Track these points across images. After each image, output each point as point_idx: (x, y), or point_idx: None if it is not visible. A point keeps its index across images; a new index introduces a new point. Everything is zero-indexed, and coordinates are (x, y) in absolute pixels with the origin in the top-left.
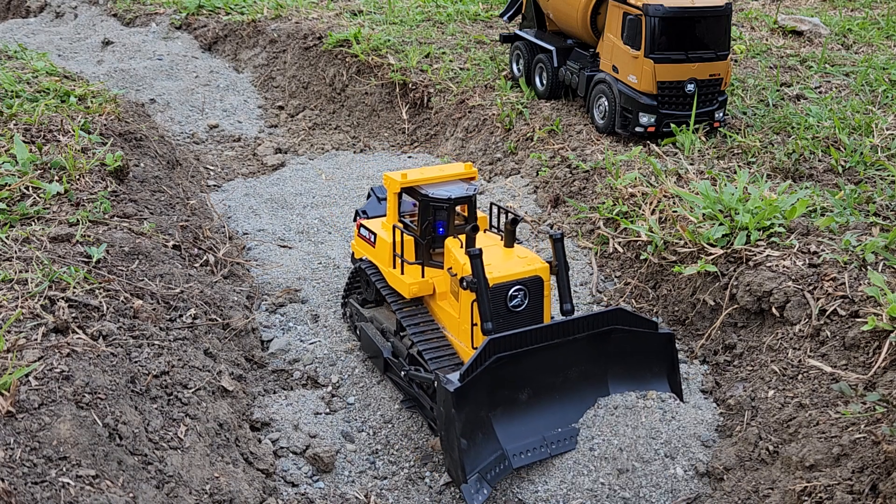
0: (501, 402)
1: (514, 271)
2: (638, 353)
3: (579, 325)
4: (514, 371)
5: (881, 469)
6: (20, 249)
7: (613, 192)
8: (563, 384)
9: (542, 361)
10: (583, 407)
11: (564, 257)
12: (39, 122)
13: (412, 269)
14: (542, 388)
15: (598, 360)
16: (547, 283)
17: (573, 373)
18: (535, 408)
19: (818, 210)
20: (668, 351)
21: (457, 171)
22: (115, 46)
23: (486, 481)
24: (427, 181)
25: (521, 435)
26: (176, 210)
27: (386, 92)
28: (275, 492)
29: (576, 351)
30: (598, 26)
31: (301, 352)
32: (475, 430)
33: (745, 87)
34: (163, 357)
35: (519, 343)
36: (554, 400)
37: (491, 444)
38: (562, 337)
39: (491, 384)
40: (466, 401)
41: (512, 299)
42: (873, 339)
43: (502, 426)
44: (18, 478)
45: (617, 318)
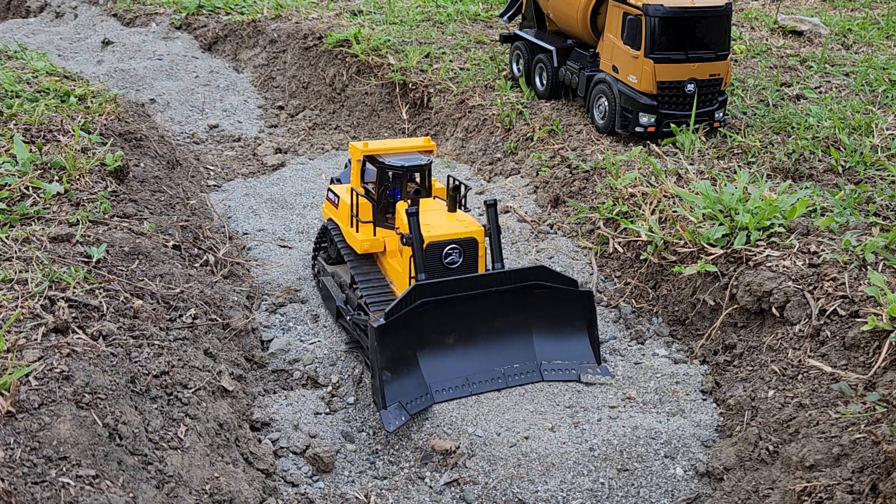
0: (429, 343)
1: (450, 231)
2: (559, 308)
3: (501, 279)
4: (442, 317)
5: (881, 469)
6: (20, 249)
7: (613, 192)
8: (489, 332)
9: (468, 310)
10: (508, 355)
11: (497, 221)
12: (39, 122)
13: (366, 227)
14: (468, 334)
15: (522, 312)
16: (481, 244)
17: (498, 322)
18: (461, 352)
19: (818, 210)
20: (587, 307)
21: (416, 143)
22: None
23: (405, 410)
24: (387, 151)
25: (445, 374)
26: (176, 210)
27: (386, 92)
28: (275, 492)
29: (501, 303)
30: (598, 26)
31: (301, 352)
32: (400, 365)
33: (745, 87)
34: (163, 357)
35: (443, 290)
36: (479, 346)
37: (415, 379)
38: (484, 288)
39: (419, 326)
40: (392, 338)
41: (447, 257)
42: (873, 339)
43: (428, 365)
44: (18, 478)
45: (538, 274)
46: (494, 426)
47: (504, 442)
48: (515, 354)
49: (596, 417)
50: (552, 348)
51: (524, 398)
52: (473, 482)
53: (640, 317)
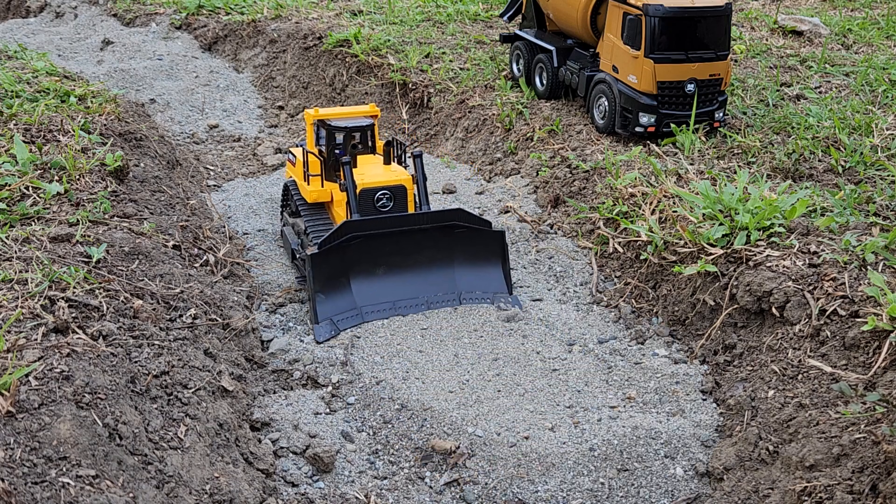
0: (361, 272)
1: (381, 179)
2: (476, 245)
3: (423, 219)
4: (372, 249)
5: (881, 469)
6: (20, 249)
7: (613, 192)
8: (414, 265)
9: (396, 246)
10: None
11: (423, 170)
12: (39, 122)
13: (315, 180)
14: (396, 266)
15: (444, 248)
16: (410, 191)
17: (422, 257)
18: (389, 280)
19: (818, 210)
20: (500, 245)
21: (362, 109)
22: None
23: (335, 325)
24: (335, 116)
25: (374, 298)
26: (176, 210)
27: (386, 92)
28: (275, 492)
29: (422, 239)
30: (598, 26)
31: (301, 352)
32: (334, 290)
33: (745, 87)
34: (163, 357)
35: (369, 227)
36: (407, 277)
37: (346, 300)
38: (407, 226)
39: (351, 257)
40: (324, 264)
41: (378, 201)
42: (873, 339)
43: (360, 290)
44: (18, 478)
45: (456, 215)
46: (494, 426)
47: (504, 442)
48: (439, 285)
49: (596, 417)
50: (471, 280)
51: (524, 398)
52: (473, 482)
53: (640, 317)
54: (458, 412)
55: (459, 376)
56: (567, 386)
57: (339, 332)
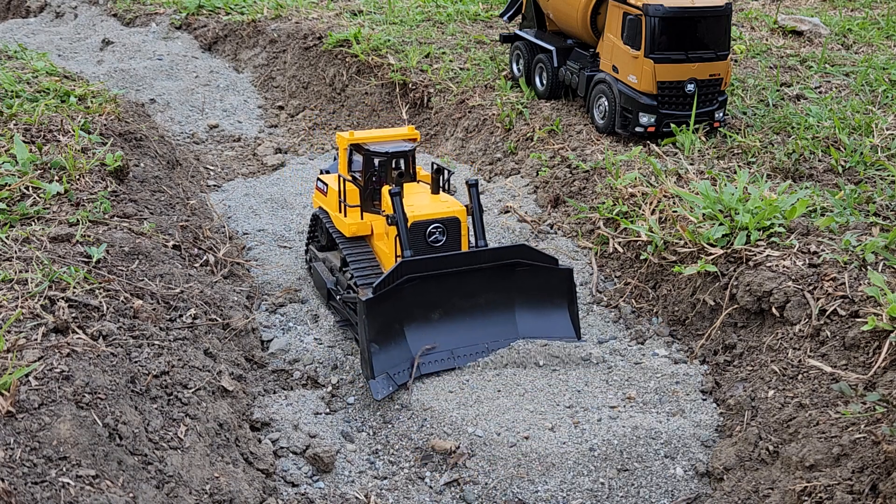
0: (416, 318)
1: (433, 211)
2: (540, 285)
3: (484, 257)
4: (428, 292)
5: (881, 469)
6: (20, 249)
7: (613, 192)
8: (473, 308)
9: (453, 286)
10: (491, 330)
11: (479, 201)
12: (39, 122)
13: (353, 211)
14: (453, 309)
15: (505, 289)
16: (463, 223)
17: (482, 299)
18: (446, 326)
19: (818, 210)
20: (567, 284)
21: (400, 132)
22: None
23: (393, 380)
24: (372, 139)
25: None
26: (176, 210)
27: (386, 92)
28: (275, 492)
29: (483, 279)
30: (598, 26)
31: (301, 352)
32: (388, 338)
33: (745, 87)
34: (163, 357)
35: (428, 267)
36: (464, 321)
37: (402, 351)
38: (467, 265)
39: (406, 302)
40: (378, 312)
41: (431, 235)
42: (873, 339)
43: (414, 338)
44: (18, 478)
45: (520, 252)
46: (494, 426)
47: (504, 442)
48: (498, 329)
49: (596, 417)
50: (533, 323)
51: (524, 398)
52: (473, 482)
53: (640, 317)
54: (458, 412)
55: (459, 376)
56: (567, 386)
57: (397, 387)
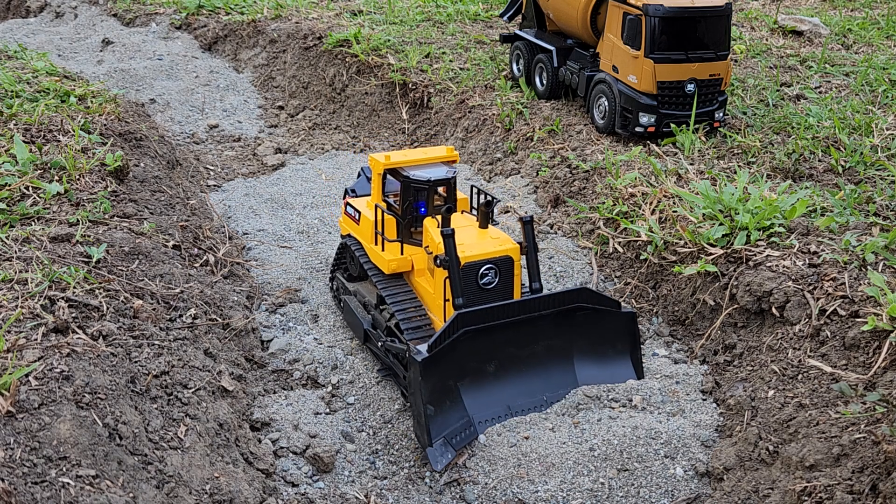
0: (470, 372)
1: (485, 251)
2: (601, 330)
3: (545, 303)
4: (482, 344)
5: (881, 469)
6: (20, 249)
7: (613, 192)
8: (530, 358)
9: (509, 336)
10: (548, 380)
11: (534, 239)
12: (39, 122)
13: (392, 245)
14: (508, 360)
15: (564, 335)
16: (517, 262)
17: (539, 347)
18: (501, 379)
19: (818, 210)
20: (630, 329)
21: (439, 154)
22: (115, 46)
23: (451, 446)
24: (409, 163)
25: (487, 404)
26: (176, 210)
27: (386, 92)
28: (275, 492)
29: (542, 327)
30: (598, 26)
31: (301, 352)
32: (443, 398)
33: (745, 87)
34: (163, 357)
35: (486, 318)
36: (520, 372)
37: (458, 411)
38: (528, 313)
39: (459, 356)
40: (434, 370)
41: (483, 277)
42: (873, 339)
43: (470, 395)
44: (18, 478)
45: (581, 296)
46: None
47: (504, 442)
48: (556, 380)
49: (596, 417)
50: (594, 372)
51: None
52: (473, 482)
53: (640, 317)
54: None
55: None
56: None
57: (456, 454)
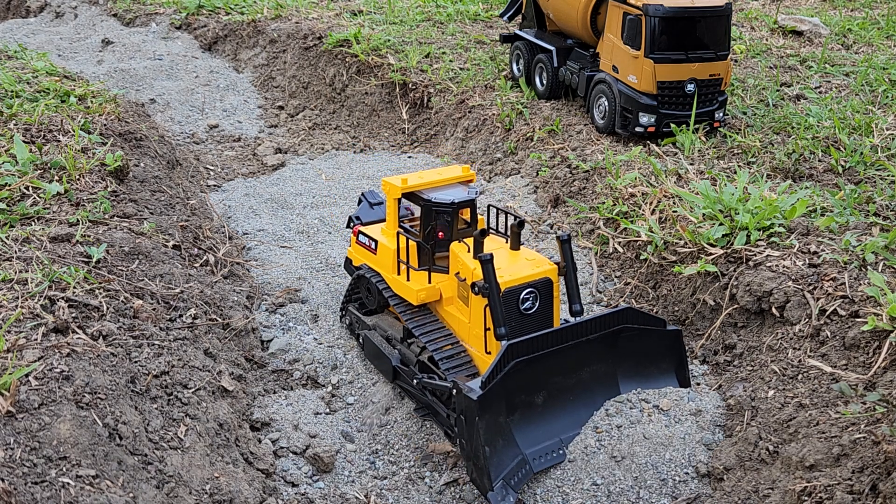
0: (519, 406)
1: (524, 274)
2: (646, 350)
3: (592, 327)
4: (530, 375)
5: (881, 469)
6: (20, 249)
7: (613, 192)
8: (576, 385)
9: (555, 364)
10: (595, 406)
11: (572, 258)
12: (39, 122)
13: (418, 275)
14: (556, 390)
15: (608, 359)
16: (556, 284)
17: (585, 373)
18: (550, 410)
19: (818, 210)
20: (676, 347)
21: (455, 174)
22: (115, 46)
23: (511, 487)
24: (427, 185)
25: (538, 438)
26: (176, 210)
27: (386, 92)
28: (275, 492)
29: (587, 351)
30: (598, 26)
31: (301, 352)
32: (495, 437)
33: (745, 87)
34: (163, 357)
35: (535, 347)
36: (568, 401)
37: (511, 449)
38: (576, 338)
39: (508, 390)
40: (488, 408)
41: (524, 302)
42: (873, 339)
43: (521, 430)
44: (18, 478)
45: (627, 317)
46: None
47: None
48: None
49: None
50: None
51: None
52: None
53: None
54: None
55: None
56: None
57: (517, 495)
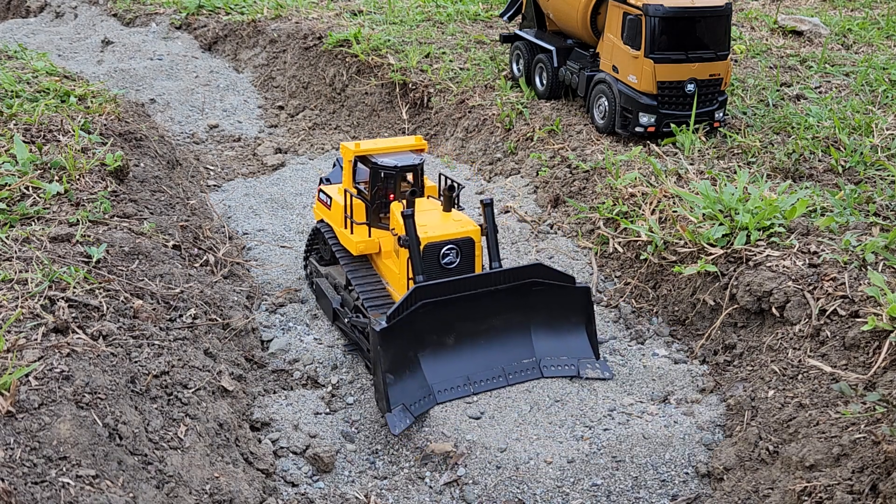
0: (430, 344)
1: (446, 232)
2: (558, 305)
3: (500, 278)
4: (442, 317)
5: (881, 469)
6: (20, 249)
7: (613, 192)
8: (489, 331)
9: (467, 310)
10: (507, 353)
11: (493, 220)
12: (39, 122)
13: (360, 228)
14: (467, 333)
15: (521, 310)
16: (478, 243)
17: (498, 321)
18: (461, 351)
19: (818, 210)
20: (584, 303)
21: (407, 142)
22: (115, 46)
23: (410, 412)
24: (378, 151)
25: (447, 374)
26: (176, 210)
27: (386, 92)
28: (275, 492)
29: (499, 301)
30: (598, 26)
31: (301, 352)
32: (403, 368)
33: (745, 87)
34: (163, 357)
35: (443, 291)
36: (479, 345)
37: (418, 380)
38: (483, 287)
39: (420, 328)
40: (393, 341)
41: (444, 257)
42: (873, 339)
43: (429, 365)
44: (18, 478)
45: (536, 272)
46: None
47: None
48: (515, 352)
49: (596, 417)
50: (551, 345)
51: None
52: (473, 482)
53: (640, 317)
54: (458, 409)
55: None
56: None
57: (414, 419)
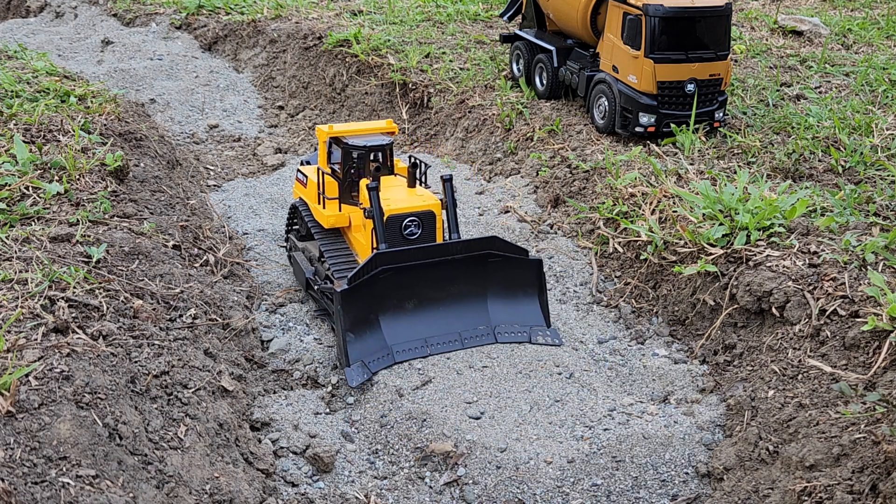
0: (389, 308)
1: (409, 205)
2: (512, 276)
3: (456, 248)
4: (401, 283)
5: (881, 469)
6: (20, 249)
7: (613, 192)
8: (447, 298)
9: (426, 278)
10: (464, 319)
11: (453, 195)
12: (39, 122)
13: (332, 203)
14: (426, 299)
15: (478, 280)
16: (438, 216)
17: (455, 289)
18: (420, 316)
19: (818, 210)
20: (537, 275)
21: (378, 126)
22: (115, 46)
23: (368, 368)
24: (350, 133)
25: (405, 336)
26: (176, 210)
27: (386, 92)
28: (275, 492)
29: (457, 270)
30: (598, 26)
31: (301, 352)
32: (363, 328)
33: (745, 87)
34: (163, 357)
35: (401, 258)
36: (438, 311)
37: (378, 340)
38: (440, 256)
39: (380, 292)
40: (354, 302)
41: (406, 228)
42: (873, 339)
43: (389, 327)
44: (18, 478)
45: (491, 244)
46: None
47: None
48: (471, 318)
49: (596, 417)
50: (505, 313)
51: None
52: (473, 482)
53: (640, 317)
54: (458, 409)
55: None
56: (567, 385)
57: (372, 374)
